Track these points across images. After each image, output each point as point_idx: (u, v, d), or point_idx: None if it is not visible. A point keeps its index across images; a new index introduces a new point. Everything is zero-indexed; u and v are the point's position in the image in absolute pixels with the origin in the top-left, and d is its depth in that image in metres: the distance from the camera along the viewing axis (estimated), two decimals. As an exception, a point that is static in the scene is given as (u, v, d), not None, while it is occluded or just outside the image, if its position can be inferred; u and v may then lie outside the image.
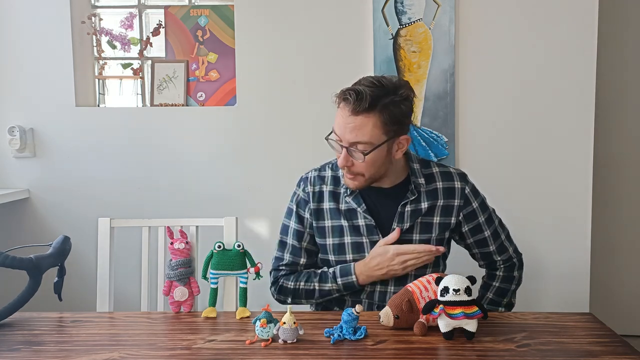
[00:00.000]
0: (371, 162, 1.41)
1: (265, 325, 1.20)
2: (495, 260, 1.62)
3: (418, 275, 1.42)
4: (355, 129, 1.38)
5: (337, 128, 1.42)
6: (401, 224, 1.49)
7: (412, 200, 1.49)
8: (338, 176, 1.56)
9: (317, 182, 1.57)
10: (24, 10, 2.47)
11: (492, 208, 1.62)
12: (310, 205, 1.55)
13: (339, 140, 1.42)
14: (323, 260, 1.57)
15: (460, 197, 1.53)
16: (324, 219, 1.54)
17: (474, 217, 1.55)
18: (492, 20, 2.33)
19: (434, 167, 1.55)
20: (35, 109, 2.49)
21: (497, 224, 1.60)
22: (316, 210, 1.55)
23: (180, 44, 2.57)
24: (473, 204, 1.54)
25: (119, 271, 1.71)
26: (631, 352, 1.15)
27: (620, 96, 2.78)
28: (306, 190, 1.57)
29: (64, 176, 2.50)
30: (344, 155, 1.41)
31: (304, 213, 1.56)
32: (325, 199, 1.55)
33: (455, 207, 1.52)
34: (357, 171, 1.43)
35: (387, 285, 1.51)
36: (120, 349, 1.19)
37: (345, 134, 1.39)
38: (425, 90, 2.36)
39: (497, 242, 1.59)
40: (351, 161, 1.41)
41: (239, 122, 2.44)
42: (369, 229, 1.50)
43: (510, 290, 1.63)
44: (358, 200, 1.51)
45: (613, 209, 2.81)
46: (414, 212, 1.50)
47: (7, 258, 1.34)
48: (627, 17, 2.75)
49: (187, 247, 1.48)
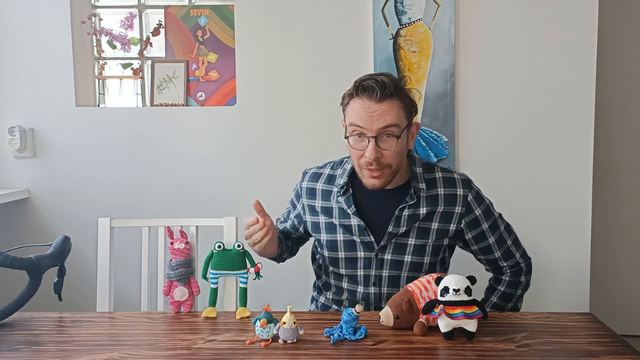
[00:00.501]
0: (398, 149, 1.41)
1: (265, 325, 1.20)
2: (501, 266, 1.59)
3: (415, 277, 1.42)
4: (383, 115, 1.38)
5: (361, 120, 1.39)
6: (397, 227, 1.48)
7: (410, 204, 1.48)
8: (335, 175, 1.57)
9: (312, 179, 1.60)
10: (24, 10, 2.47)
11: (499, 213, 1.59)
12: (304, 201, 1.60)
13: (364, 132, 1.39)
14: (320, 254, 1.59)
15: (462, 205, 1.50)
16: (317, 215, 1.57)
17: (477, 225, 1.53)
18: (492, 20, 2.33)
19: (438, 172, 1.53)
20: (35, 109, 2.49)
21: (503, 230, 1.57)
22: (310, 206, 1.59)
23: (180, 44, 2.57)
24: (476, 211, 1.52)
25: (119, 271, 1.71)
26: (631, 352, 1.15)
27: (621, 96, 2.78)
28: (301, 184, 1.62)
29: (64, 176, 2.50)
30: (373, 147, 1.38)
31: (297, 203, 1.64)
32: (317, 196, 1.57)
33: (456, 214, 1.50)
34: (386, 162, 1.41)
35: (381, 287, 1.51)
36: (120, 349, 1.19)
37: (373, 123, 1.38)
38: (425, 90, 2.36)
39: (502, 248, 1.57)
40: (380, 152, 1.39)
41: (239, 122, 2.44)
42: (360, 229, 1.50)
43: (516, 296, 1.60)
44: (349, 202, 1.51)
45: (613, 209, 2.81)
46: (411, 217, 1.49)
47: (7, 258, 1.34)
48: (627, 17, 2.75)
49: (187, 247, 1.48)
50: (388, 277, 1.51)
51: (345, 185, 1.51)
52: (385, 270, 1.51)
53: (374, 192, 1.49)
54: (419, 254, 1.50)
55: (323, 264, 1.59)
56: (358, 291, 1.53)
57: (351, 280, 1.54)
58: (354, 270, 1.53)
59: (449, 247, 1.58)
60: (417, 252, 1.50)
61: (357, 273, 1.53)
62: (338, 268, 1.55)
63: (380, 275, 1.51)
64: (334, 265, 1.55)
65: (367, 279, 1.52)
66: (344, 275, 1.55)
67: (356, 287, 1.53)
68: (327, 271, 1.60)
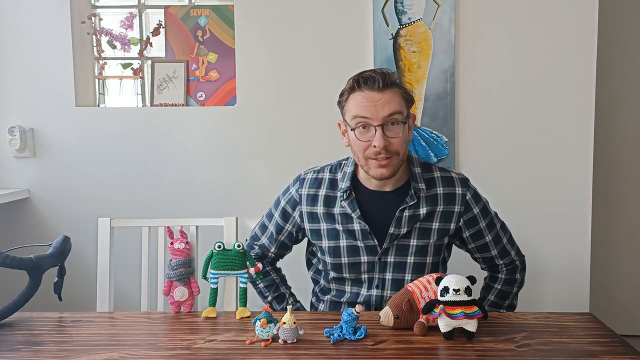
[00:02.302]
0: (404, 136, 1.43)
1: (265, 325, 1.20)
2: (497, 264, 1.61)
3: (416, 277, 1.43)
4: (387, 102, 1.40)
5: (365, 111, 1.40)
6: (398, 229, 1.48)
7: (411, 205, 1.48)
8: (336, 179, 1.55)
9: (313, 185, 1.56)
10: (24, 10, 2.47)
11: (494, 212, 1.60)
12: (302, 208, 1.56)
13: (370, 122, 1.40)
14: (321, 260, 1.57)
15: (460, 204, 1.51)
16: (318, 222, 1.54)
17: (474, 223, 1.54)
18: (492, 20, 2.33)
19: (436, 172, 1.54)
20: (35, 109, 2.49)
21: (499, 228, 1.59)
22: (309, 214, 1.55)
23: (180, 44, 2.57)
24: (474, 209, 1.53)
25: (119, 271, 1.71)
26: (631, 352, 1.15)
27: (621, 96, 2.78)
28: (299, 191, 1.57)
29: (64, 176, 2.50)
30: (380, 135, 1.39)
31: (292, 212, 1.58)
32: (319, 203, 1.54)
33: (455, 213, 1.51)
34: (394, 150, 1.41)
35: (384, 289, 1.51)
36: (120, 349, 1.19)
37: (378, 112, 1.39)
38: (425, 90, 2.36)
39: (498, 246, 1.59)
40: (388, 140, 1.40)
41: (239, 122, 2.44)
42: (364, 234, 1.50)
43: (512, 293, 1.62)
44: (353, 206, 1.50)
45: (613, 209, 2.81)
46: (412, 217, 1.49)
47: (7, 258, 1.34)
48: (627, 17, 2.75)
49: (187, 247, 1.48)
50: (391, 280, 1.51)
51: (348, 190, 1.51)
52: (388, 273, 1.51)
53: (374, 195, 1.49)
54: (421, 255, 1.50)
55: (324, 269, 1.58)
56: (361, 293, 1.53)
57: (354, 284, 1.54)
58: (358, 274, 1.53)
59: (448, 246, 1.59)
60: (420, 252, 1.50)
61: (361, 277, 1.52)
62: (341, 273, 1.54)
63: (383, 278, 1.51)
64: (337, 271, 1.54)
65: (371, 282, 1.52)
66: (347, 279, 1.54)
67: (359, 289, 1.53)
68: (327, 277, 1.58)
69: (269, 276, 1.65)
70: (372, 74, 1.41)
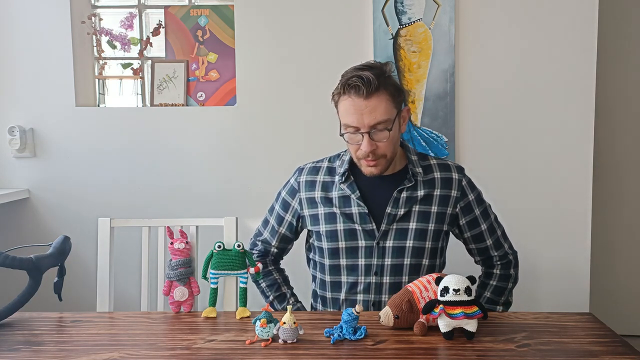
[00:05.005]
0: (392, 139, 1.46)
1: (265, 325, 1.20)
2: (491, 256, 1.62)
3: (417, 264, 1.48)
4: (372, 111, 1.42)
5: (352, 118, 1.43)
6: (395, 209, 1.50)
7: (408, 187, 1.52)
8: (334, 167, 1.59)
9: (311, 172, 1.61)
10: (24, 10, 2.47)
11: (488, 203, 1.63)
12: (301, 195, 1.59)
13: (357, 129, 1.44)
14: (318, 249, 1.57)
15: (457, 189, 1.55)
16: (316, 206, 1.57)
17: (470, 210, 1.57)
18: (492, 20, 2.33)
19: (432, 160, 1.59)
20: (35, 109, 2.49)
21: (493, 220, 1.62)
22: (308, 199, 1.58)
23: (180, 44, 2.57)
24: (469, 196, 1.57)
25: (119, 271, 1.71)
26: (631, 352, 1.15)
27: (621, 96, 2.78)
28: (298, 179, 1.61)
29: (64, 176, 2.50)
30: (367, 141, 1.43)
31: (292, 201, 1.61)
32: (317, 188, 1.58)
33: (452, 197, 1.54)
34: (381, 153, 1.46)
35: (382, 276, 1.51)
36: (120, 349, 1.19)
37: (364, 119, 1.42)
38: (425, 90, 2.36)
39: (493, 237, 1.61)
40: (375, 144, 1.44)
41: (239, 122, 2.44)
42: (362, 216, 1.51)
43: (507, 289, 1.64)
44: (352, 187, 1.53)
45: (613, 209, 2.81)
46: (409, 198, 1.51)
47: (7, 258, 1.34)
48: (627, 17, 2.75)
49: (187, 247, 1.48)
50: (390, 266, 1.51)
51: (346, 172, 1.54)
52: (387, 258, 1.51)
53: (372, 180, 1.52)
54: (420, 239, 1.51)
55: (320, 259, 1.57)
56: (359, 282, 1.52)
57: (351, 272, 1.53)
58: (355, 260, 1.52)
59: (446, 235, 1.60)
60: (419, 236, 1.51)
61: (358, 263, 1.52)
62: (338, 259, 1.53)
63: (382, 264, 1.51)
64: (334, 257, 1.54)
65: (369, 269, 1.51)
66: (343, 267, 1.53)
67: (356, 277, 1.52)
68: (323, 269, 1.57)
69: (271, 276, 1.66)
70: (357, 82, 1.41)
